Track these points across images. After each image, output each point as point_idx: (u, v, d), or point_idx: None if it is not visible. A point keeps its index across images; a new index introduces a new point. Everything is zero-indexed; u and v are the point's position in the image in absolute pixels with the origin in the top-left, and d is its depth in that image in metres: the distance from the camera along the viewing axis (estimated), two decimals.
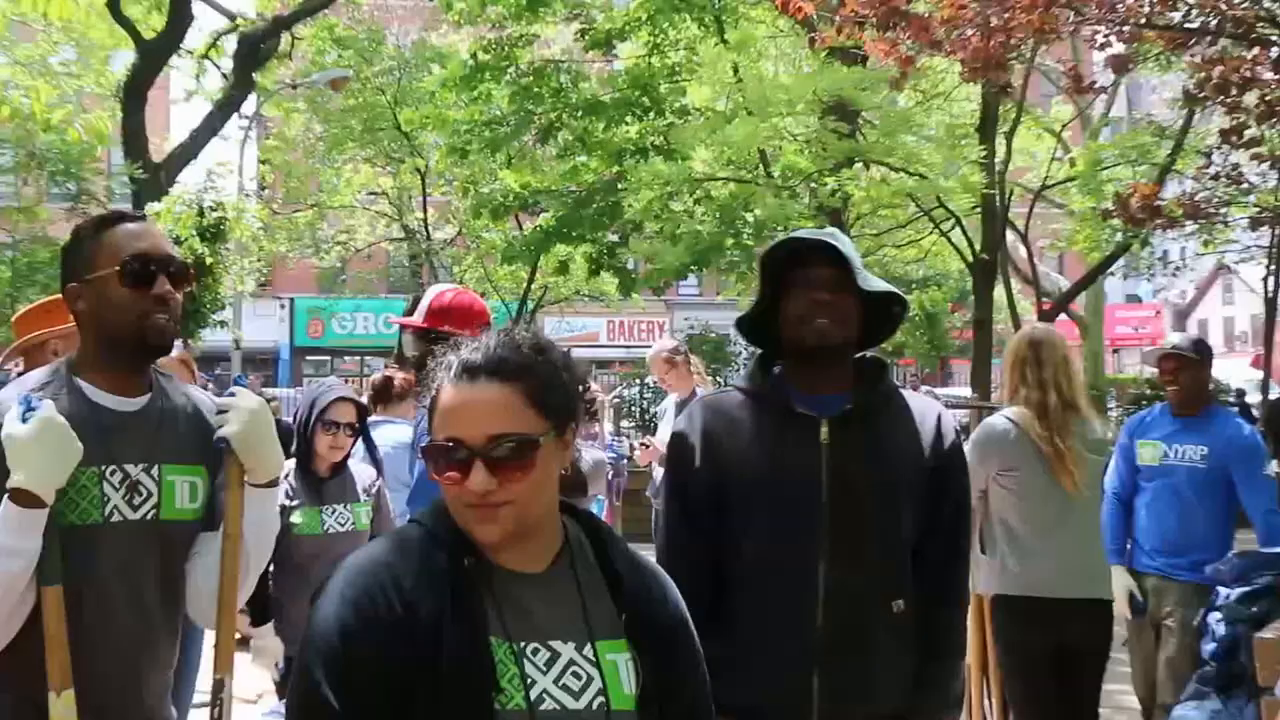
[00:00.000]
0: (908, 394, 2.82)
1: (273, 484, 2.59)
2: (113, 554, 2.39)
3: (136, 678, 2.45)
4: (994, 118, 14.42)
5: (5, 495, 2.26)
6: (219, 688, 2.51)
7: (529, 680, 1.73)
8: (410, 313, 4.33)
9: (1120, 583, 4.87)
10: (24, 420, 2.28)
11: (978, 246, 15.18)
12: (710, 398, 2.90)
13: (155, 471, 2.45)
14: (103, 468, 2.38)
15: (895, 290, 2.74)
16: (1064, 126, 18.52)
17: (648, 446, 7.87)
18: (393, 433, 5.48)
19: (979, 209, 15.17)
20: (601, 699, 1.77)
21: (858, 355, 2.79)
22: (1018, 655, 4.37)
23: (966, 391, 15.81)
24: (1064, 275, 22.19)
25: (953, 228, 16.19)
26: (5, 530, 2.25)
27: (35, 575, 2.28)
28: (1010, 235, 16.40)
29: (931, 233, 18.38)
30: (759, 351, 2.86)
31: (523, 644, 1.76)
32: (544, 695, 1.74)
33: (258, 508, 2.56)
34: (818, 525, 2.61)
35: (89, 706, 2.31)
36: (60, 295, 2.55)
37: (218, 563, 2.51)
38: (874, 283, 2.67)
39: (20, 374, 4.09)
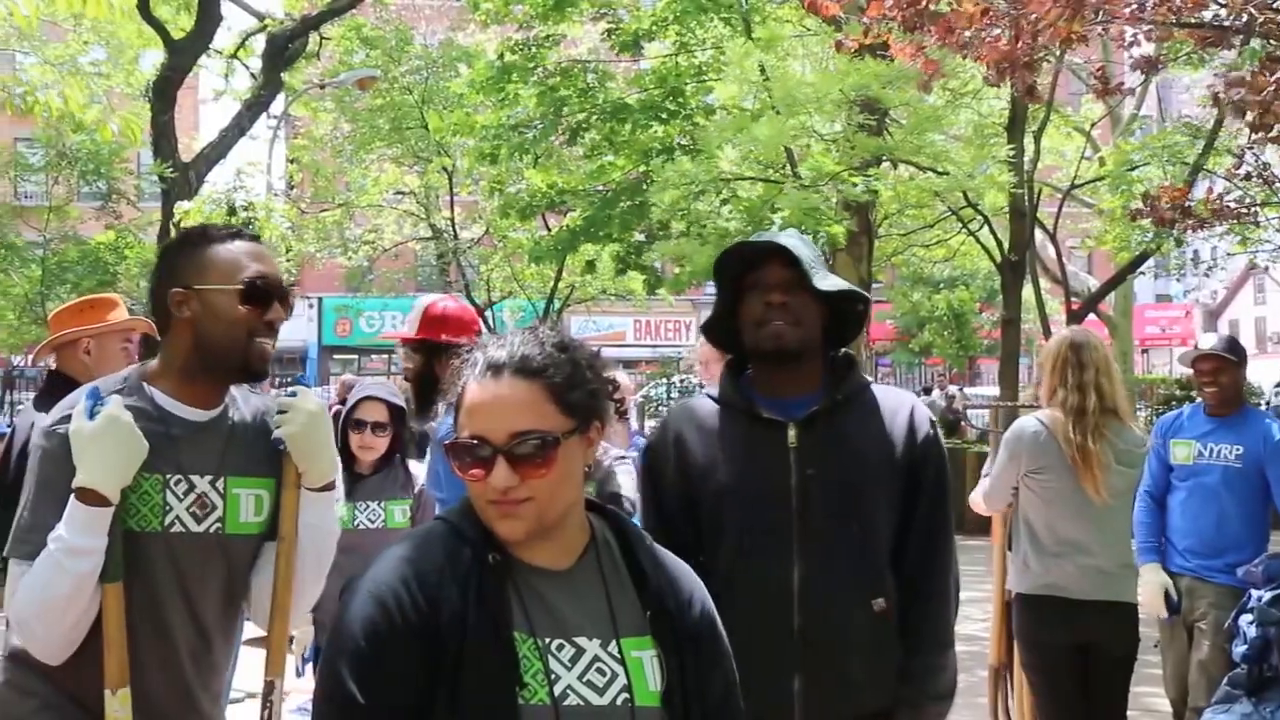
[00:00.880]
0: (879, 389, 2.80)
1: (328, 488, 2.56)
2: (170, 563, 2.38)
3: (187, 683, 2.44)
4: (1023, 116, 14.34)
5: (72, 494, 2.26)
6: (269, 689, 2.49)
7: (553, 675, 1.73)
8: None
9: (1156, 581, 4.85)
10: (91, 416, 2.28)
11: (1006, 246, 15.10)
12: (681, 406, 2.90)
13: (220, 484, 2.43)
14: (167, 476, 2.37)
15: (855, 289, 2.74)
16: (1093, 125, 18.40)
17: None
18: None
19: (1007, 208, 15.10)
20: (626, 695, 1.77)
21: (832, 354, 2.77)
22: (1037, 653, 4.39)
23: (995, 391, 15.74)
24: (1093, 275, 22.07)
25: (981, 227, 16.11)
26: (73, 529, 2.24)
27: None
28: (1039, 235, 16.31)
29: (960, 232, 18.31)
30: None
31: (547, 639, 1.76)
32: (568, 691, 1.74)
33: (312, 512, 2.53)
34: (790, 529, 2.61)
35: (137, 709, 2.31)
36: (94, 295, 2.55)
37: None
38: (831, 282, 2.65)
39: (54, 370, 4.12)
